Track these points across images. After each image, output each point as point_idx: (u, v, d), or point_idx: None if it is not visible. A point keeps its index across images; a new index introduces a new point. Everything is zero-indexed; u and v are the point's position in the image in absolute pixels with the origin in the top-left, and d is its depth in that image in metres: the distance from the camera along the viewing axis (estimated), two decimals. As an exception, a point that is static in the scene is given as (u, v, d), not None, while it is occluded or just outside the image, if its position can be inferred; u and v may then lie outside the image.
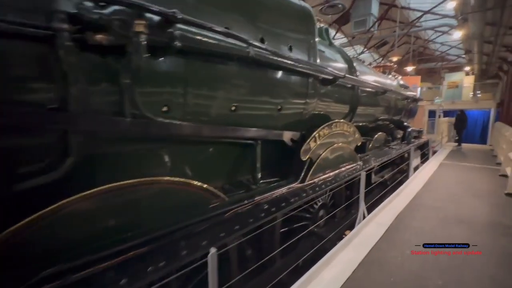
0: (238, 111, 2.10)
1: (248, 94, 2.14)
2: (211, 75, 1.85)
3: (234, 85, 2.01)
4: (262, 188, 2.42)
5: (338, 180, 3.15)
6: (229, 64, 1.92)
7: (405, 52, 21.68)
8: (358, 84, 3.86)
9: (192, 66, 1.71)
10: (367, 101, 4.41)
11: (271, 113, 2.44)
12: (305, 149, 2.72)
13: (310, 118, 3.01)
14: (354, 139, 3.76)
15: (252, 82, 2.14)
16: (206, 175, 2.09)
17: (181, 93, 1.70)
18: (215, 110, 1.96)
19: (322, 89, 3.11)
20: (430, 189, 4.95)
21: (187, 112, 1.77)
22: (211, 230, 1.65)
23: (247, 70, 2.07)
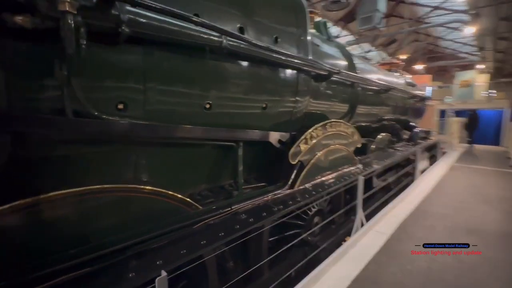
0: (213, 110, 1.88)
1: (225, 90, 1.91)
2: (178, 68, 1.62)
3: (206, 80, 1.78)
4: (245, 195, 2.19)
5: (333, 185, 2.88)
6: (199, 56, 1.69)
7: (414, 50, 21.03)
8: (358, 81, 3.58)
9: (152, 57, 1.49)
10: (369, 99, 4.12)
11: (254, 112, 2.20)
12: (294, 152, 2.47)
13: (301, 118, 2.76)
14: (353, 140, 3.49)
15: (229, 77, 1.91)
16: (177, 181, 1.88)
17: (140, 89, 1.49)
18: (184, 108, 1.74)
19: (316, 86, 2.86)
20: (438, 194, 4.61)
21: (149, 110, 1.56)
22: (170, 247, 1.43)
23: (223, 63, 1.84)
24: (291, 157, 2.45)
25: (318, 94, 2.92)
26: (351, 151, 3.47)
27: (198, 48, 1.64)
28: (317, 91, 2.89)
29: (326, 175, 2.95)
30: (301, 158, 2.58)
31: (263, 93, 2.20)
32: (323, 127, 2.85)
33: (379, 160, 4.27)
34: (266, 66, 2.14)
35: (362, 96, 3.85)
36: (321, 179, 2.84)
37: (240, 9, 1.95)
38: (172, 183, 1.81)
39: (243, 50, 1.85)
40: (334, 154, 3.10)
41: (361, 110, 3.91)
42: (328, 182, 2.87)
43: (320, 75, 2.78)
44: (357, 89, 3.65)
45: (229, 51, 1.77)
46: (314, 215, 3.07)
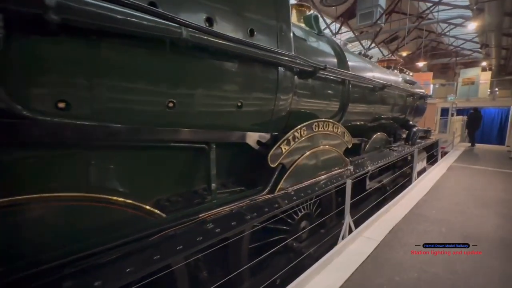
0: (178, 109, 1.71)
1: (191, 87, 1.75)
2: (132, 63, 1.46)
3: (167, 75, 1.61)
4: (219, 201, 2.03)
5: (318, 189, 2.70)
6: (158, 49, 1.53)
7: (417, 47, 20.67)
8: (349, 78, 3.39)
9: (98, 49, 1.32)
10: (362, 97, 3.93)
11: (227, 111, 2.03)
12: (274, 154, 2.30)
13: (284, 117, 2.58)
14: (343, 141, 3.31)
15: (195, 73, 1.74)
16: (139, 187, 1.72)
17: (85, 85, 1.32)
18: (142, 107, 1.58)
19: (301, 83, 2.68)
20: (435, 196, 4.42)
21: (99, 109, 1.39)
22: (116, 263, 1.27)
23: (187, 58, 1.67)
24: (271, 160, 2.28)
25: (303, 92, 2.74)
26: (341, 152, 3.29)
27: (155, 40, 1.47)
28: (302, 88, 2.71)
29: (312, 178, 2.78)
30: (283, 160, 2.41)
31: (237, 91, 2.03)
32: (309, 127, 2.68)
33: (373, 161, 4.09)
34: (240, 61, 1.97)
35: (354, 94, 3.65)
36: (306, 183, 2.67)
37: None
38: (133, 190, 1.66)
39: (210, 43, 1.68)
40: (321, 155, 2.92)
41: (353, 109, 3.72)
42: (314, 185, 2.70)
43: (305, 71, 2.60)
44: (349, 86, 3.46)
45: (193, 44, 1.60)
46: (301, 219, 2.91)
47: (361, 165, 3.74)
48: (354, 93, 3.64)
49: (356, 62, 4.00)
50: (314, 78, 2.82)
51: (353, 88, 3.58)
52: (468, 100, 16.57)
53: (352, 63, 3.71)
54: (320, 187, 2.72)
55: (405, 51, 16.40)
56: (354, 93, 3.64)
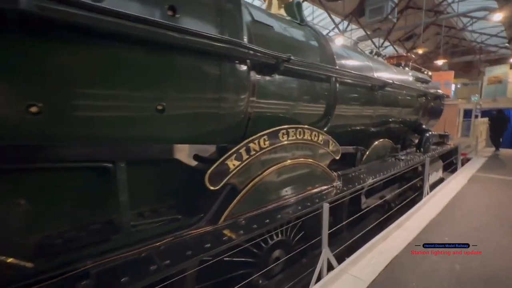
0: (49, 115, 1.20)
1: (73, 85, 1.24)
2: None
3: (29, 70, 1.12)
4: (132, 237, 1.51)
5: (286, 215, 2.10)
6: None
7: (435, 45, 19.29)
8: (334, 74, 2.77)
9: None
10: (356, 98, 3.28)
11: (140, 117, 1.50)
12: (216, 172, 1.74)
13: (240, 124, 2.02)
14: (328, 151, 2.69)
15: (77, 66, 1.23)
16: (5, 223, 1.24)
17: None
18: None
19: (264, 80, 2.11)
20: (449, 217, 3.65)
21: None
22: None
23: (60, 45, 1.17)
24: (211, 180, 1.71)
25: (267, 91, 2.17)
26: (324, 164, 2.67)
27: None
28: (266, 87, 2.14)
29: (282, 200, 2.19)
30: (232, 180, 1.85)
31: (152, 89, 1.49)
32: (273, 136, 2.09)
33: (370, 174, 3.41)
34: (152, 49, 1.44)
35: (344, 93, 3.02)
36: (268, 207, 2.08)
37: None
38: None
39: (91, 22, 1.16)
40: (294, 171, 2.32)
41: (344, 112, 3.08)
42: (277, 212, 2.09)
43: (265, 64, 2.03)
44: (335, 85, 2.84)
45: (66, 23, 1.10)
46: (273, 248, 2.32)
47: (353, 179, 3.08)
48: (343, 92, 3.00)
49: (347, 56, 3.36)
50: (283, 74, 2.24)
51: (342, 87, 2.95)
52: (495, 100, 15.08)
53: (340, 57, 3.08)
54: (286, 214, 2.11)
55: (422, 49, 15.20)
56: (343, 92, 3.00)
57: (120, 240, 1.48)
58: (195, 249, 1.55)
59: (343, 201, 2.87)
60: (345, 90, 3.03)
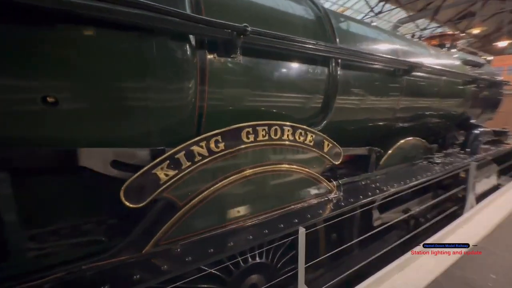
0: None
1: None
2: None
3: None
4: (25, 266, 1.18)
5: (242, 243, 1.59)
6: None
7: (497, 24, 16.21)
8: (334, 54, 2.13)
9: None
10: (366, 85, 2.55)
11: (19, 111, 1.13)
12: (138, 185, 1.32)
13: (187, 121, 1.56)
14: (321, 154, 2.09)
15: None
16: None
17: None
18: None
19: (223, 64, 1.61)
20: (500, 242, 2.75)
21: None
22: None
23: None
24: (128, 195, 1.29)
25: (227, 78, 1.66)
26: (316, 171, 2.08)
27: None
28: (223, 71, 1.63)
29: (238, 222, 1.68)
30: (166, 194, 1.41)
31: (36, 74, 1.11)
32: (231, 136, 1.60)
33: (387, 182, 2.69)
34: (34, 18, 1.04)
35: (350, 80, 2.35)
36: (223, 230, 1.60)
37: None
38: None
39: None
40: (266, 181, 1.80)
41: (350, 103, 2.42)
42: (232, 237, 1.59)
43: (216, 40, 1.53)
44: (335, 68, 2.19)
45: None
46: (247, 273, 1.85)
47: (361, 190, 2.42)
48: (348, 79, 2.34)
49: (356, 33, 2.64)
50: (250, 54, 1.71)
51: (345, 72, 2.29)
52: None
53: (345, 34, 2.41)
54: (241, 241, 1.59)
55: (480, 28, 12.78)
56: (348, 79, 2.34)
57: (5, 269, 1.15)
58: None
59: (348, 215, 2.26)
60: (351, 75, 2.36)
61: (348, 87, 2.35)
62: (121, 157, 1.38)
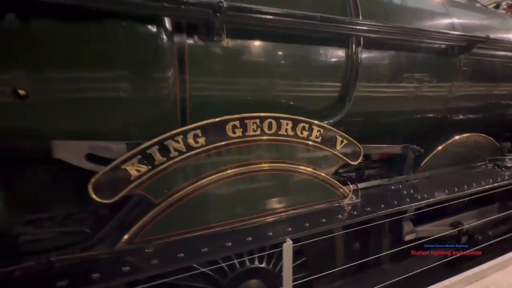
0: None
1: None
2: None
3: None
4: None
5: (219, 250, 1.41)
6: None
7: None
8: (353, 31, 1.74)
9: None
10: (402, 68, 2.05)
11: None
12: (108, 180, 1.27)
13: (165, 112, 1.45)
14: (331, 153, 1.77)
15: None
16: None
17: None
18: None
19: (202, 47, 1.43)
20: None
21: None
22: None
23: None
24: (97, 189, 1.25)
25: (212, 65, 1.48)
26: (325, 173, 1.78)
27: None
28: (206, 58, 1.45)
29: (220, 226, 1.51)
30: (139, 191, 1.34)
31: (4, 67, 1.11)
32: (214, 130, 1.43)
33: (429, 188, 2.18)
34: None
35: (376, 62, 1.91)
36: (204, 232, 1.47)
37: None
38: None
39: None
40: (256, 182, 1.58)
41: (377, 92, 1.98)
42: (211, 242, 1.43)
43: (198, 22, 1.35)
44: (357, 49, 1.78)
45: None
46: (241, 278, 1.72)
47: (386, 196, 2.00)
48: (375, 61, 1.91)
49: (389, 3, 2.13)
50: (238, 36, 1.49)
51: (370, 52, 1.87)
52: None
53: (372, 4, 1.96)
54: (217, 248, 1.41)
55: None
56: (375, 61, 1.91)
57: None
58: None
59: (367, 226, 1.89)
60: (378, 57, 1.92)
61: (374, 72, 1.92)
62: (96, 151, 1.35)
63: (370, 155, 2.54)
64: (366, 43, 1.82)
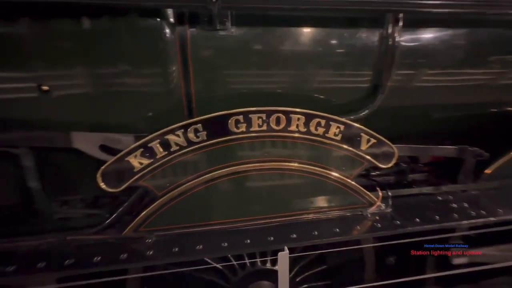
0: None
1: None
2: None
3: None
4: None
5: (214, 251, 1.35)
6: None
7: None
8: (386, 6, 1.43)
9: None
10: (457, 51, 1.58)
11: (22, 98, 1.31)
12: (113, 170, 1.34)
13: (171, 108, 1.44)
14: (355, 153, 1.54)
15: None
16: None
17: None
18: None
19: (206, 39, 1.36)
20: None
21: None
22: None
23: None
24: (106, 179, 1.33)
25: (222, 55, 1.39)
26: (345, 175, 1.55)
27: None
28: (217, 47, 1.37)
29: (220, 224, 1.45)
30: (143, 183, 1.38)
31: (29, 66, 1.25)
32: (215, 125, 1.37)
33: (492, 202, 1.72)
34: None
35: (422, 45, 1.54)
36: (201, 229, 1.44)
37: None
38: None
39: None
40: (262, 181, 1.47)
41: (420, 81, 1.61)
42: (207, 240, 1.38)
43: (199, 11, 1.28)
44: (394, 29, 1.47)
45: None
46: (249, 278, 1.69)
47: (426, 209, 1.64)
48: (418, 43, 1.55)
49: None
50: (253, 24, 1.38)
51: (413, 33, 1.52)
52: None
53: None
54: (214, 248, 1.34)
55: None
56: (418, 43, 1.55)
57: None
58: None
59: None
60: (423, 39, 1.55)
61: (418, 57, 1.56)
62: (108, 142, 1.44)
63: (417, 158, 2.16)
64: (408, 20, 1.49)
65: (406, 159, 2.08)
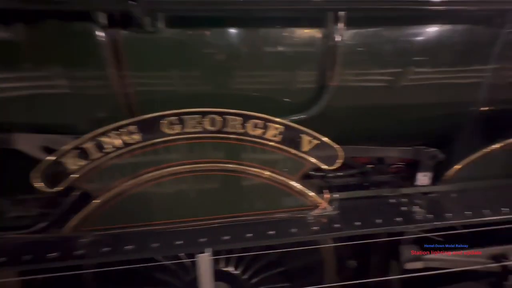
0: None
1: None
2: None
3: None
4: None
5: (140, 251, 1.35)
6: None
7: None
8: (328, 5, 1.40)
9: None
10: (406, 49, 1.55)
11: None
12: (50, 171, 1.37)
13: (111, 109, 1.47)
14: (296, 155, 1.51)
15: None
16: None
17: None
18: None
19: (138, 40, 1.37)
20: None
21: None
22: None
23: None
24: (40, 179, 1.36)
25: (155, 56, 1.41)
26: (286, 177, 1.53)
27: None
28: (150, 48, 1.39)
29: (153, 225, 1.46)
30: (79, 184, 1.40)
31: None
32: (147, 126, 1.38)
33: (452, 206, 1.66)
34: None
35: (367, 43, 1.50)
36: (136, 230, 1.45)
37: None
38: None
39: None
40: (196, 182, 1.47)
41: (368, 80, 1.56)
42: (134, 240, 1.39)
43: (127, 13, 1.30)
44: (335, 27, 1.43)
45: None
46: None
47: (375, 212, 1.59)
48: (363, 40, 1.51)
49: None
50: (186, 24, 1.38)
51: (357, 29, 1.48)
52: None
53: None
54: (143, 248, 1.35)
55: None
56: (363, 40, 1.51)
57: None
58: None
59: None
60: (369, 34, 1.51)
61: (361, 56, 1.52)
62: (49, 143, 1.47)
63: (383, 159, 2.11)
64: (350, 19, 1.45)
65: (367, 161, 2.03)
